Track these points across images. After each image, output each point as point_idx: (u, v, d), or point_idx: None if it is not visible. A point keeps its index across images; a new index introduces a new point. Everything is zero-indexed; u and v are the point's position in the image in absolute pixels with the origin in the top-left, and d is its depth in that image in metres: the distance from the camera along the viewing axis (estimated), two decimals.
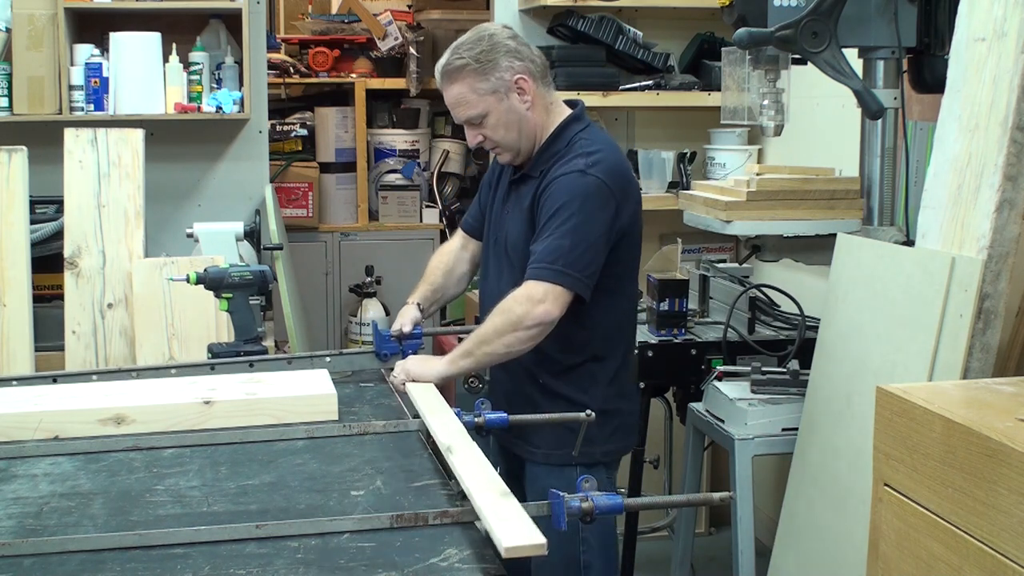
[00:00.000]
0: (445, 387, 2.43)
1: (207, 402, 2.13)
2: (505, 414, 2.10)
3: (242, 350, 2.67)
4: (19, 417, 2.06)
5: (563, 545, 2.39)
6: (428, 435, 2.06)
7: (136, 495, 1.81)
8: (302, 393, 2.20)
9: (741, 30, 2.62)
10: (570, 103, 2.53)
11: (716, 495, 1.75)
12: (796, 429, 2.77)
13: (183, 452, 2.01)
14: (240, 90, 3.87)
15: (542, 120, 2.46)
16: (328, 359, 2.53)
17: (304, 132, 5.53)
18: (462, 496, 1.74)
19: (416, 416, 2.17)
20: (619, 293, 2.47)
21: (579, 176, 2.35)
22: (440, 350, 4.12)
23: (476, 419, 2.07)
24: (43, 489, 1.83)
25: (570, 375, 2.45)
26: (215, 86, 3.89)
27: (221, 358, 2.59)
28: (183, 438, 2.06)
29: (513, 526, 1.54)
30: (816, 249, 2.93)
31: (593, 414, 2.11)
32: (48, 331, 3.36)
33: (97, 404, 2.12)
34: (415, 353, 2.55)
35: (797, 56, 2.70)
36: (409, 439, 2.10)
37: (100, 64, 3.71)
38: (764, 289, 3.28)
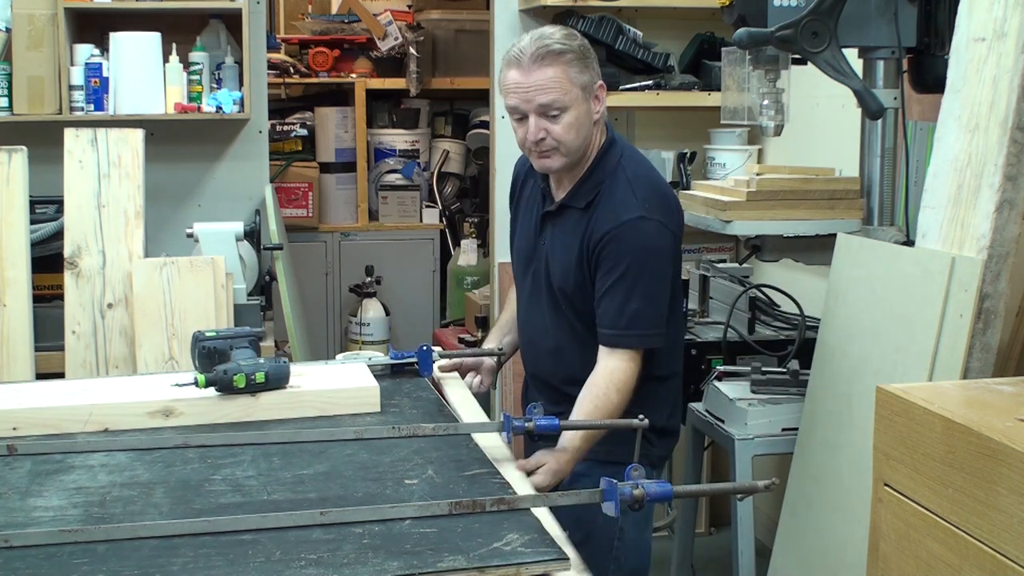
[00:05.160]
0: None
1: (253, 395, 2.15)
2: (556, 419, 2.07)
3: None
4: (70, 410, 2.10)
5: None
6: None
7: (195, 484, 1.84)
8: (345, 386, 2.24)
9: (741, 30, 2.62)
10: None
11: (761, 483, 1.76)
12: (796, 429, 2.77)
13: (234, 442, 2.05)
14: (240, 90, 3.87)
15: (597, 137, 2.38)
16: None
17: (304, 132, 5.53)
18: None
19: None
20: (674, 310, 2.42)
21: (640, 223, 2.27)
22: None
23: (527, 424, 2.04)
24: (103, 479, 1.87)
25: (632, 398, 2.32)
26: (215, 86, 3.89)
27: None
28: (233, 437, 2.08)
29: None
30: (816, 249, 2.93)
31: (647, 420, 2.04)
32: (48, 331, 3.36)
33: (145, 397, 2.15)
34: (428, 371, 2.50)
35: (797, 56, 2.70)
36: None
37: (100, 64, 3.71)
38: (764, 289, 3.28)
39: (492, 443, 2.06)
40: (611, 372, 2.27)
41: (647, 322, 2.28)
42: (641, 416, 2.04)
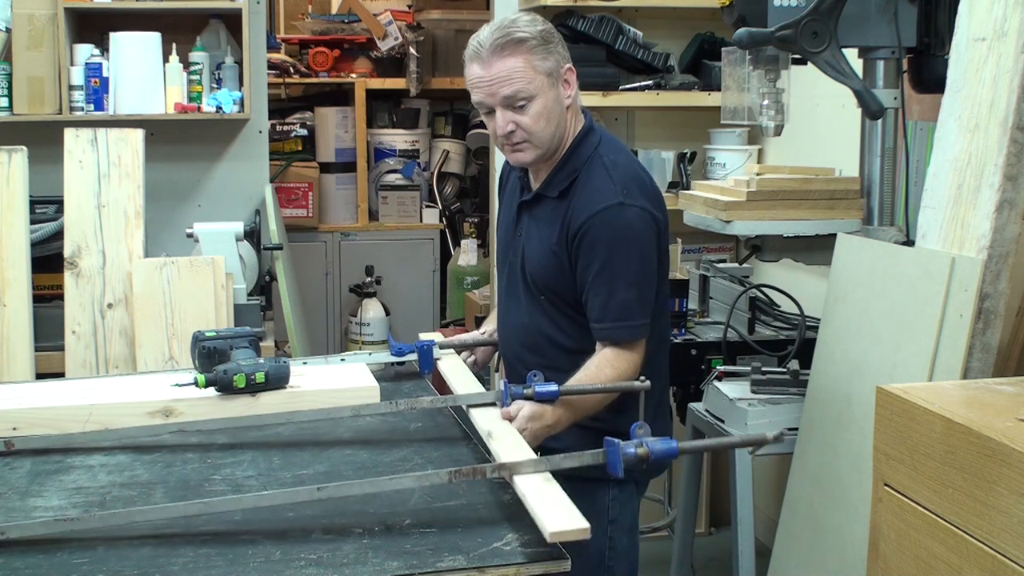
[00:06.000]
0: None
1: (253, 395, 2.16)
2: (555, 386, 2.04)
3: None
4: (70, 410, 2.11)
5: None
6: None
7: (195, 484, 1.85)
8: (345, 385, 2.24)
9: (741, 30, 2.62)
10: None
11: (770, 434, 1.75)
12: (796, 429, 2.77)
13: (234, 442, 2.06)
14: (240, 90, 3.87)
15: (571, 124, 2.30)
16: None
17: (304, 132, 5.54)
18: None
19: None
20: (658, 307, 2.34)
21: (618, 211, 2.19)
22: None
23: (525, 391, 2.04)
24: (102, 479, 1.88)
25: (610, 399, 2.27)
26: (215, 86, 3.89)
27: None
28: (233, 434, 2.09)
29: (557, 511, 1.58)
30: (816, 249, 2.93)
31: (648, 381, 1.99)
32: (48, 331, 3.37)
33: (145, 397, 2.15)
34: (428, 369, 2.47)
35: (797, 56, 2.70)
36: (452, 431, 2.13)
37: (100, 64, 3.71)
38: (764, 289, 3.28)
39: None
40: (605, 354, 2.23)
41: (636, 312, 2.22)
42: (643, 377, 2.00)
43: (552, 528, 1.52)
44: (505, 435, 1.93)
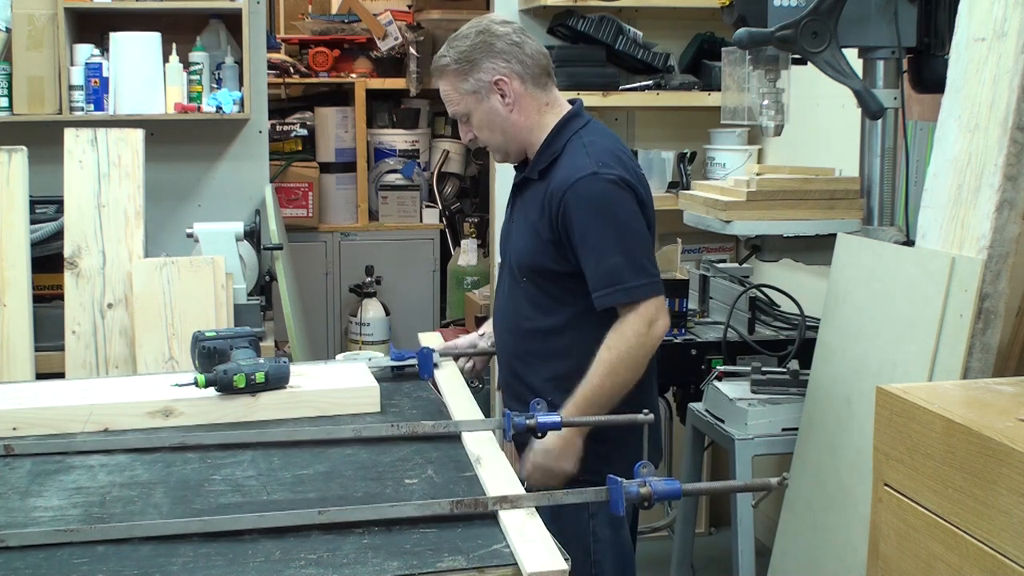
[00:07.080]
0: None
1: (253, 395, 2.15)
2: (559, 417, 2.04)
3: None
4: (70, 410, 2.10)
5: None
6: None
7: (195, 484, 1.85)
8: (345, 385, 2.24)
9: (741, 30, 2.62)
10: (569, 101, 2.46)
11: (773, 480, 1.74)
12: (796, 429, 2.78)
13: (234, 442, 2.05)
14: (240, 90, 3.87)
15: (533, 122, 2.38)
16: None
17: (304, 132, 5.53)
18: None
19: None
20: None
21: (592, 180, 2.25)
22: None
23: (528, 421, 2.02)
24: (102, 479, 1.87)
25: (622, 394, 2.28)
26: (215, 86, 3.89)
27: None
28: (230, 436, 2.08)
29: (538, 549, 1.56)
30: (816, 249, 2.93)
31: (652, 415, 2.00)
32: (48, 331, 3.36)
33: (145, 397, 2.15)
34: (428, 375, 2.48)
35: (797, 56, 2.70)
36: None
37: (100, 64, 3.71)
38: (764, 289, 3.28)
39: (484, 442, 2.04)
40: (607, 341, 2.26)
41: (627, 274, 2.24)
42: (646, 411, 2.00)
43: (531, 568, 1.51)
44: (494, 462, 1.91)
